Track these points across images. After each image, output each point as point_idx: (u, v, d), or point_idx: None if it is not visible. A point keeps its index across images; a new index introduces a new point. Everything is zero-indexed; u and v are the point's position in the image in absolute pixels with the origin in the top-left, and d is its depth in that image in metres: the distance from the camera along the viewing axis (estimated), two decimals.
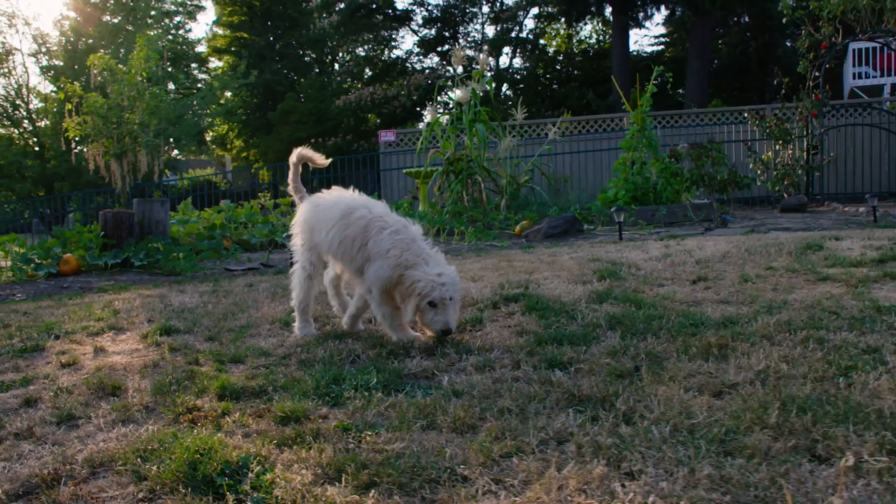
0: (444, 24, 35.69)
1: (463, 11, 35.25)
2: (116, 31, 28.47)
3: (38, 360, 3.55)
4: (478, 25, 36.56)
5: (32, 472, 2.04)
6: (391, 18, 35.31)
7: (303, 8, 36.93)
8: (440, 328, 3.35)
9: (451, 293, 3.37)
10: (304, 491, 1.80)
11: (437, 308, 3.34)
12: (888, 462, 1.77)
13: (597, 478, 1.78)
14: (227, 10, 39.05)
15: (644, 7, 28.43)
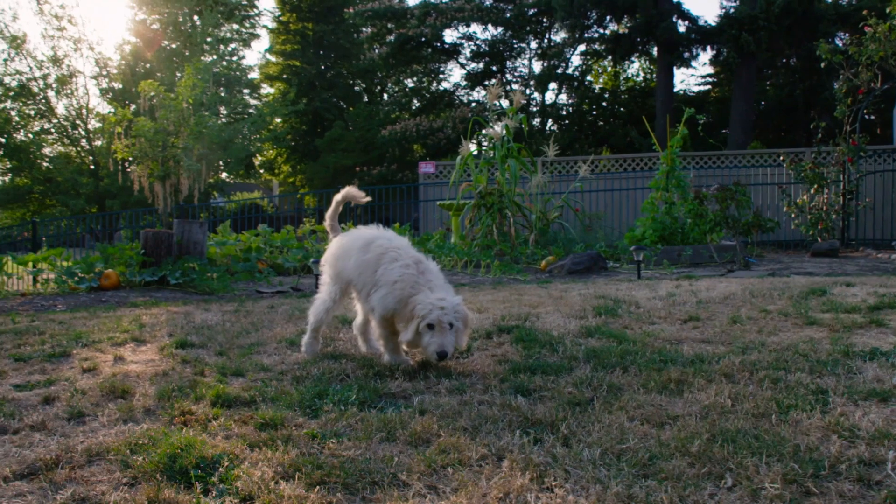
0: (492, 59, 36.22)
1: (510, 47, 35.74)
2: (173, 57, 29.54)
3: (63, 364, 3.88)
4: (525, 61, 37.02)
5: (38, 457, 2.34)
6: (439, 52, 35.97)
7: (354, 39, 37.87)
8: (435, 349, 3.40)
9: (451, 318, 3.44)
10: (261, 484, 2.06)
11: (435, 331, 3.42)
12: (782, 489, 1.96)
13: (516, 489, 2.00)
14: (281, 39, 40.29)
15: (689, 47, 28.54)
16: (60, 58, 25.60)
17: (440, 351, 3.40)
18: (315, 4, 39.09)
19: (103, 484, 2.13)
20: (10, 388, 3.33)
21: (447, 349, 3.41)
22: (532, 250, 11.49)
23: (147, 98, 10.86)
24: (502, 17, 33.17)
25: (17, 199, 25.82)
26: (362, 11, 33.55)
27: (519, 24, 33.73)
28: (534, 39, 36.07)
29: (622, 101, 36.69)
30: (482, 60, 36.66)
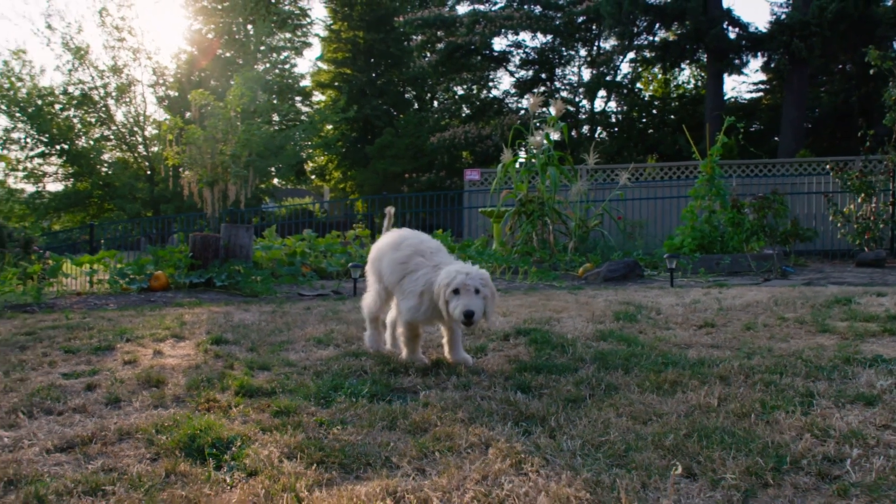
0: (541, 67, 36.32)
1: (559, 54, 35.80)
2: (227, 65, 30.34)
3: (107, 357, 4.19)
4: (574, 68, 37.02)
5: (76, 434, 2.62)
6: (489, 59, 36.21)
7: (404, 46, 38.34)
8: (461, 309, 3.38)
9: (476, 284, 3.44)
10: (266, 462, 2.29)
11: (461, 294, 3.42)
12: (740, 480, 2.12)
13: (494, 472, 2.20)
14: (332, 47, 40.99)
15: (739, 54, 28.21)
16: (120, 67, 26.53)
17: (466, 310, 3.38)
18: (366, 13, 39.67)
19: (129, 458, 2.39)
20: (59, 376, 3.64)
21: (473, 308, 3.39)
22: (570, 257, 11.60)
23: (197, 107, 11.29)
24: (551, 24, 33.23)
25: (78, 204, 26.78)
26: (412, 20, 33.96)
27: (568, 32, 33.77)
28: (583, 47, 36.07)
29: (672, 108, 36.41)
30: (531, 68, 36.79)
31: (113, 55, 26.60)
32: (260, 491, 2.07)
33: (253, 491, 2.07)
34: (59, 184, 27.21)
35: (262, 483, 2.13)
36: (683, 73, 37.82)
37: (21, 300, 7.32)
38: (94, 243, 17.71)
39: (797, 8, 25.62)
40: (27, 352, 4.30)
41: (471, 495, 2.04)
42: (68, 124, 25.77)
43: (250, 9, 32.31)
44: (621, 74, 35.71)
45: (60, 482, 2.15)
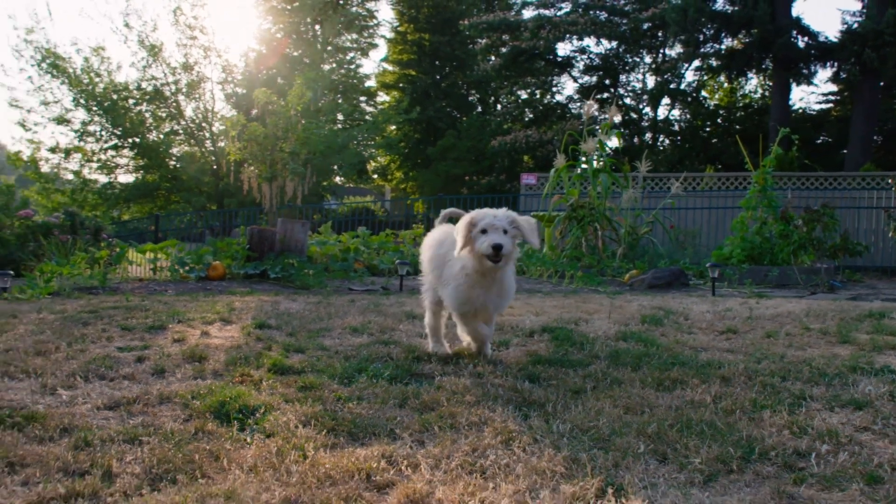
0: (605, 73, 36.21)
1: (623, 61, 35.64)
2: (294, 64, 31.09)
3: (158, 335, 4.56)
4: (639, 75, 36.80)
5: (122, 396, 2.97)
6: (552, 64, 36.26)
7: (469, 49, 38.65)
8: (489, 243, 3.45)
9: (504, 224, 3.53)
10: (283, 427, 2.58)
11: (488, 233, 3.50)
12: (707, 465, 2.32)
13: (484, 446, 2.44)
14: (398, 49, 41.56)
15: (808, 63, 27.69)
16: (191, 64, 27.46)
17: (495, 243, 3.44)
18: (432, 16, 40.12)
19: (166, 417, 2.71)
20: (115, 349, 4.01)
21: (502, 242, 3.45)
22: (618, 264, 11.70)
23: (260, 105, 11.78)
24: (616, 31, 33.13)
25: (147, 195, 27.80)
26: (477, 23, 34.24)
27: (633, 39, 33.61)
28: (648, 54, 35.82)
29: (737, 118, 35.86)
30: (595, 74, 36.71)
31: (185, 53, 27.59)
32: (273, 449, 2.36)
33: (267, 448, 2.36)
34: (130, 175, 28.36)
35: (275, 443, 2.41)
36: (751, 82, 37.21)
37: (88, 283, 7.82)
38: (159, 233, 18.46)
39: (870, 17, 25.03)
40: (89, 327, 4.71)
41: (457, 462, 2.29)
42: (140, 118, 26.80)
43: (318, 9, 33.01)
44: (685, 82, 35.36)
45: (105, 431, 2.48)
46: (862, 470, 2.27)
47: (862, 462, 2.35)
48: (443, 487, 2.07)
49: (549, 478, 2.18)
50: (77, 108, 26.12)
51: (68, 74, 25.50)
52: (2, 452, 2.25)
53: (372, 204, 28.71)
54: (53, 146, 26.55)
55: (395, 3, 41.57)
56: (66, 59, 25.74)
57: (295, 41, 33.50)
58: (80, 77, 25.66)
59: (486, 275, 3.66)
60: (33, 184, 26.60)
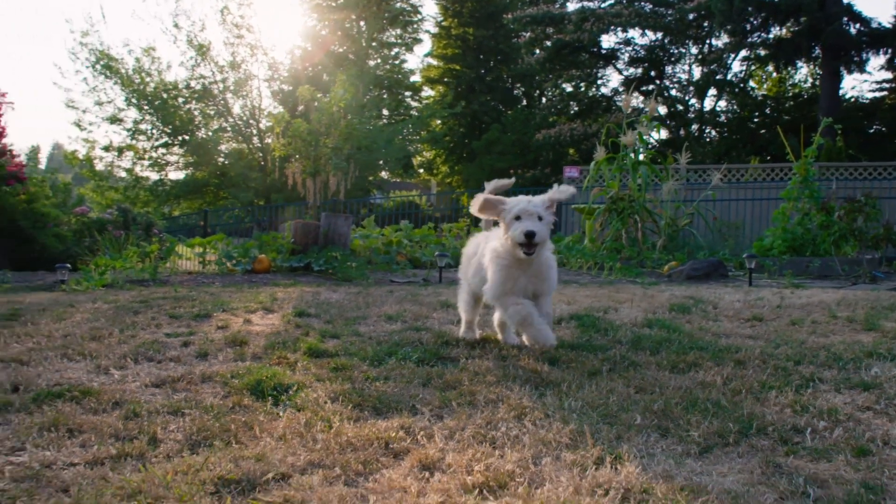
0: (651, 65, 35.90)
1: (669, 52, 35.29)
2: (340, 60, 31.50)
3: (203, 323, 4.83)
4: (685, 66, 36.40)
5: (168, 375, 3.23)
6: (596, 57, 36.09)
7: (513, 43, 38.67)
8: (522, 230, 3.44)
9: (538, 210, 3.52)
10: (313, 402, 2.80)
11: (522, 219, 3.50)
12: (705, 439, 2.47)
13: (497, 419, 2.63)
14: (442, 43, 41.78)
15: (859, 51, 27.12)
16: (238, 63, 27.99)
17: (528, 231, 3.43)
18: (476, 10, 40.22)
19: (206, 394, 2.96)
20: (163, 335, 4.28)
21: (536, 229, 3.44)
22: (658, 255, 11.73)
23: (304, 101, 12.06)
24: (661, 22, 32.82)
25: (196, 191, 28.47)
26: (521, 17, 34.26)
27: (678, 30, 33.25)
28: (694, 45, 35.41)
29: (786, 108, 35.24)
30: (640, 66, 36.41)
31: (232, 51, 28.15)
32: (302, 421, 2.57)
33: (296, 420, 2.58)
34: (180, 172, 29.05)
35: (305, 416, 2.63)
36: (800, 71, 36.52)
37: (139, 276, 8.18)
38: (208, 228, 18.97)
39: None
40: (139, 315, 5.01)
41: (469, 433, 2.48)
42: (190, 116, 27.45)
43: (363, 5, 33.38)
44: (732, 73, 34.86)
45: (151, 405, 2.74)
46: (853, 444, 2.40)
47: (855, 437, 2.48)
48: (453, 454, 2.26)
49: (554, 447, 2.36)
50: (129, 107, 26.88)
51: (121, 75, 26.25)
52: (63, 420, 2.51)
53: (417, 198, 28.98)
54: (107, 145, 27.36)
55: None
56: (119, 59, 26.51)
57: (340, 37, 33.93)
58: (131, 77, 26.39)
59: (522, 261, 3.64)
60: (88, 181, 27.47)
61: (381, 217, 21.04)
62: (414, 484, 2.02)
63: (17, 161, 11.35)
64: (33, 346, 3.86)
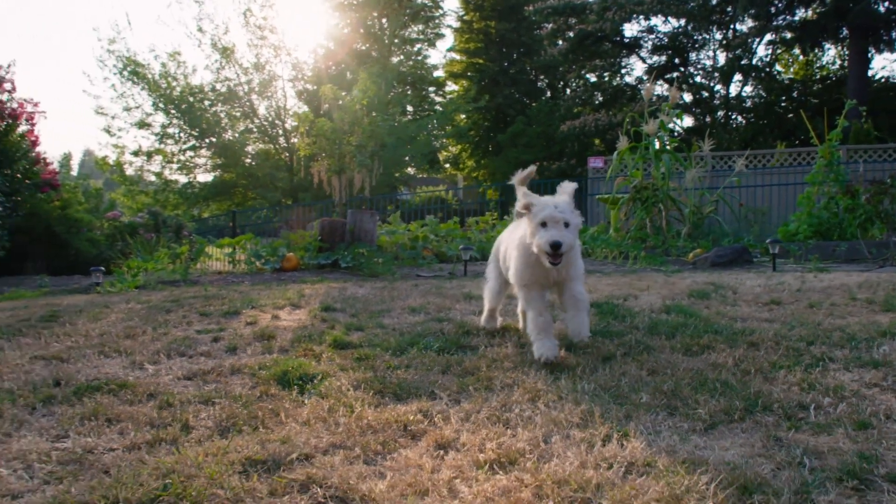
0: (674, 52, 35.61)
1: (692, 39, 34.99)
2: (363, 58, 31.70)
3: (233, 320, 5.00)
4: (710, 52, 36.07)
5: (199, 368, 3.39)
6: (619, 46, 35.90)
7: (535, 35, 38.62)
8: (547, 240, 3.30)
9: (567, 217, 3.38)
10: (337, 390, 2.94)
11: (548, 226, 3.35)
12: (711, 416, 2.56)
13: (512, 402, 2.75)
14: (465, 38, 41.82)
15: (889, 30, 26.67)
16: (262, 64, 28.31)
17: (553, 241, 3.29)
18: (497, 3, 40.20)
19: (235, 384, 3.11)
20: (194, 332, 4.45)
21: (561, 240, 3.30)
22: (683, 243, 11.74)
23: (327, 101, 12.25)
24: (684, 8, 32.53)
25: (224, 193, 28.87)
26: (542, 8, 34.16)
27: (701, 15, 32.92)
28: (717, 30, 35.05)
29: (814, 91, 34.78)
30: (664, 53, 36.11)
31: (256, 53, 28.46)
32: (325, 407, 2.71)
33: (320, 406, 2.72)
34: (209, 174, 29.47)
35: (328, 402, 2.77)
36: (828, 53, 36.02)
37: (171, 277, 8.40)
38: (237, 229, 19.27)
39: None
40: (171, 314, 5.19)
41: (484, 415, 2.60)
42: (216, 119, 27.82)
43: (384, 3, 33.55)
44: (757, 58, 34.47)
45: (183, 395, 2.90)
46: (855, 418, 2.48)
47: (858, 412, 2.56)
48: (467, 434, 2.38)
49: (564, 427, 2.47)
50: (157, 111, 27.34)
51: (147, 80, 26.69)
52: (101, 411, 2.68)
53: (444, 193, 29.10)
54: (136, 150, 27.87)
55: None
56: (146, 65, 26.95)
57: (362, 35, 34.15)
58: (158, 82, 26.82)
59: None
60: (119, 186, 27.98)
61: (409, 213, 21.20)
62: (429, 461, 2.14)
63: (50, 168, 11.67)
64: (72, 344, 4.04)
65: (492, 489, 1.93)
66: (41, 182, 11.02)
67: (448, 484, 1.99)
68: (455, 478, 2.02)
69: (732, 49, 33.81)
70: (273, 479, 2.02)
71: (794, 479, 1.95)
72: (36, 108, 11.53)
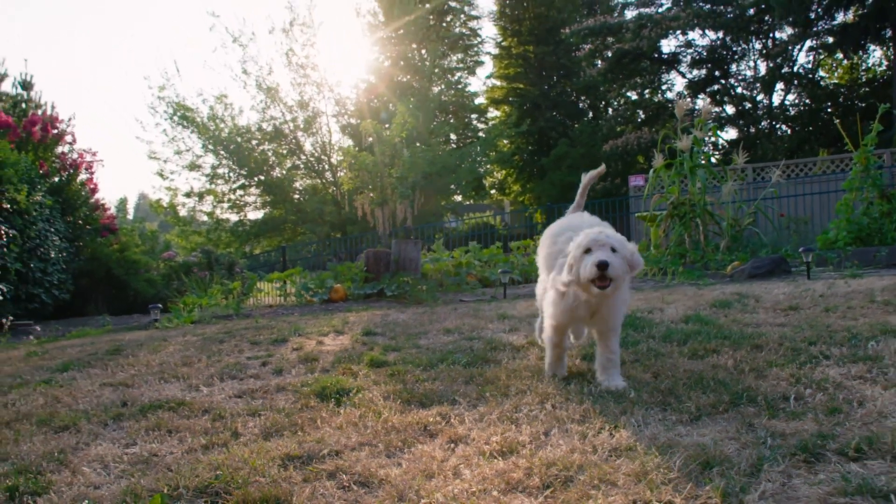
0: (714, 65, 35.61)
1: (731, 50, 34.95)
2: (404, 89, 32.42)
3: (281, 346, 5.41)
4: (750, 62, 35.98)
5: (248, 388, 3.80)
6: (658, 62, 36.05)
7: (574, 57, 39.01)
8: (593, 261, 3.08)
9: (611, 243, 3.19)
10: (368, 400, 3.31)
11: (593, 252, 3.16)
12: (698, 408, 2.85)
13: (523, 404, 3.08)
14: (504, 63, 42.44)
15: None
16: (306, 101, 29.20)
17: (599, 262, 3.07)
18: (534, 27, 40.76)
19: (280, 400, 3.50)
20: (244, 358, 4.87)
21: (609, 260, 3.09)
22: (721, 257, 11.87)
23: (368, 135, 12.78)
24: (721, 20, 32.58)
25: (274, 229, 29.74)
26: (579, 30, 34.58)
27: (739, 26, 32.94)
28: (756, 40, 34.98)
29: (861, 94, 34.36)
30: (703, 67, 36.15)
31: (299, 91, 29.40)
32: (357, 414, 3.08)
33: (353, 414, 3.08)
34: (258, 211, 30.45)
35: (360, 411, 3.14)
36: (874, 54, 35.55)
37: (224, 311, 8.91)
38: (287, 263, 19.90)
39: None
40: (224, 344, 5.63)
41: (496, 415, 2.93)
42: (264, 157, 28.76)
43: (422, 35, 34.29)
44: (798, 65, 34.26)
45: (234, 410, 3.30)
46: (828, 405, 2.74)
47: (833, 400, 2.82)
48: (477, 431, 2.72)
49: (566, 422, 2.79)
50: (206, 153, 28.41)
51: (196, 123, 27.79)
52: (163, 424, 3.09)
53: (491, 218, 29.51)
54: (188, 191, 28.97)
55: (497, 19, 42.54)
56: (194, 109, 28.07)
57: (403, 67, 34.92)
58: (206, 125, 27.90)
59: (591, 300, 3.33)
60: (173, 227, 29.08)
61: (456, 240, 21.60)
62: (440, 453, 2.49)
63: (108, 213, 12.40)
64: (135, 372, 4.50)
65: (490, 471, 2.27)
66: (101, 227, 11.72)
67: (454, 469, 2.33)
68: (460, 464, 2.36)
69: (773, 58, 33.68)
70: (306, 469, 2.39)
71: (752, 455, 2.24)
72: (94, 157, 12.28)
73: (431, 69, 35.14)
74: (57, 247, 10.37)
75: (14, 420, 3.38)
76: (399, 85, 33.34)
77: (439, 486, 2.18)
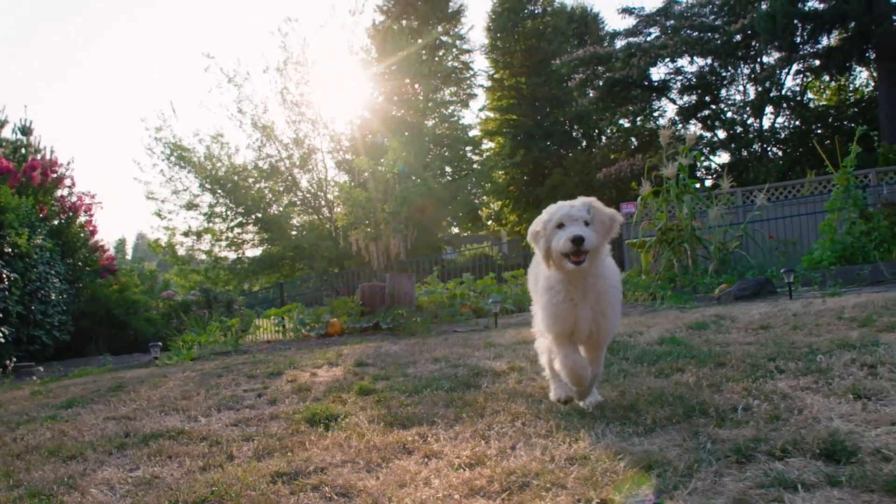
0: (704, 90, 36.17)
1: (720, 76, 35.52)
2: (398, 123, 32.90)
3: (276, 379, 5.66)
4: (739, 87, 36.56)
5: (243, 417, 4.02)
6: (649, 90, 36.59)
7: (565, 87, 39.61)
8: (568, 236, 2.99)
9: (583, 215, 3.09)
10: (354, 424, 3.56)
11: (566, 226, 3.07)
12: (654, 420, 3.11)
13: (496, 423, 3.33)
14: (496, 95, 43.08)
15: None
16: (301, 139, 29.67)
17: (574, 236, 2.97)
18: (526, 59, 41.46)
19: (272, 427, 3.76)
20: (241, 391, 5.13)
21: (583, 234, 2.99)
22: (710, 280, 12.14)
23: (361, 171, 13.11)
24: (709, 46, 33.18)
25: (272, 265, 30.05)
26: (569, 60, 35.16)
27: (727, 52, 33.53)
28: (744, 64, 35.58)
29: (848, 115, 34.88)
30: (693, 93, 36.72)
31: (295, 128, 29.88)
32: (343, 437, 3.33)
33: (339, 437, 3.34)
34: (256, 249, 30.78)
35: (346, 434, 3.39)
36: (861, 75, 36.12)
37: (222, 348, 9.16)
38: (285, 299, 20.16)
39: None
40: (221, 378, 5.89)
41: (469, 433, 3.19)
42: (260, 195, 29.15)
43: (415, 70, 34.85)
44: (786, 88, 34.82)
45: (230, 436, 3.56)
46: (771, 414, 3.00)
47: (776, 409, 3.07)
48: (451, 447, 2.98)
49: (531, 437, 3.04)
50: (203, 192, 28.82)
51: (193, 163, 28.22)
52: (164, 451, 3.35)
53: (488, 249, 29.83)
54: (186, 230, 29.36)
55: (488, 52, 43.27)
56: (191, 149, 28.54)
57: (397, 102, 35.46)
58: (203, 164, 28.34)
59: (573, 281, 3.17)
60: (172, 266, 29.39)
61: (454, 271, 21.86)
62: (415, 467, 2.75)
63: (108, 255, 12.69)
64: (137, 406, 4.75)
65: (456, 480, 2.53)
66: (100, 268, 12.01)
67: (425, 479, 2.59)
68: (431, 475, 2.62)
69: (761, 82, 34.23)
70: (293, 483, 2.65)
71: (690, 458, 2.50)
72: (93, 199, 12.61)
73: (425, 103, 35.70)
74: (57, 289, 10.65)
75: (24, 452, 3.64)
76: (394, 120, 33.85)
77: (410, 493, 2.44)
